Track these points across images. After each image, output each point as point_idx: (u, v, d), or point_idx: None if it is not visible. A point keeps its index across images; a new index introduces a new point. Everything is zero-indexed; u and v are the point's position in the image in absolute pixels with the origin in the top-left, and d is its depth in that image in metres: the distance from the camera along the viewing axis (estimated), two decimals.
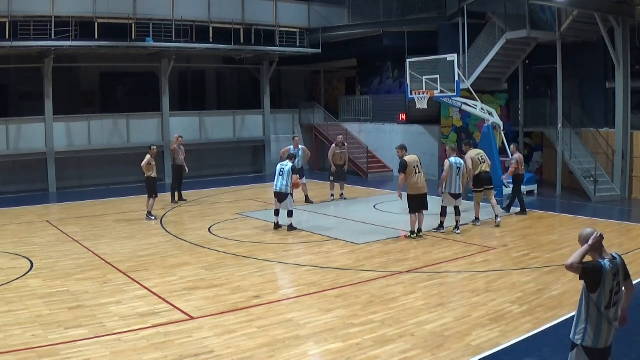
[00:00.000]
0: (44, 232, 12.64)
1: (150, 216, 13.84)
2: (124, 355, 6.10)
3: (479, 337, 6.52)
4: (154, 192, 13.94)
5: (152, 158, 13.86)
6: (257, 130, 24.03)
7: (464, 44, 18.31)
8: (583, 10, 15.92)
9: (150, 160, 13.80)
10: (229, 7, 21.41)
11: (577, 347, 4.43)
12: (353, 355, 6.08)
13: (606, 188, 16.31)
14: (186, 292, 8.29)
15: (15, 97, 21.23)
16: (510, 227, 12.86)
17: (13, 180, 19.10)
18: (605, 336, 4.35)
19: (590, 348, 4.37)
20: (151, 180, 13.87)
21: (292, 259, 10.13)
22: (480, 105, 16.82)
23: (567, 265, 4.24)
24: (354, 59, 25.79)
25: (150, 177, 13.85)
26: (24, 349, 6.19)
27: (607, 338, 4.37)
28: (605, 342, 4.37)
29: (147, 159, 13.77)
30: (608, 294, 4.27)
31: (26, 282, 8.79)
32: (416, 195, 11.31)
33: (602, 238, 4.32)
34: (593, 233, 4.32)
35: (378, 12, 23.77)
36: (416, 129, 21.60)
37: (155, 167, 14.05)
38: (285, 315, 7.29)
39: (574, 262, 4.22)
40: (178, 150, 16.13)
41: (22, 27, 17.53)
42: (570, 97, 18.35)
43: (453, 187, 11.95)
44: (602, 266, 4.25)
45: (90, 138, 20.03)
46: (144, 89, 23.13)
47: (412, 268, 9.45)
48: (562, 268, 9.29)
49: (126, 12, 19.03)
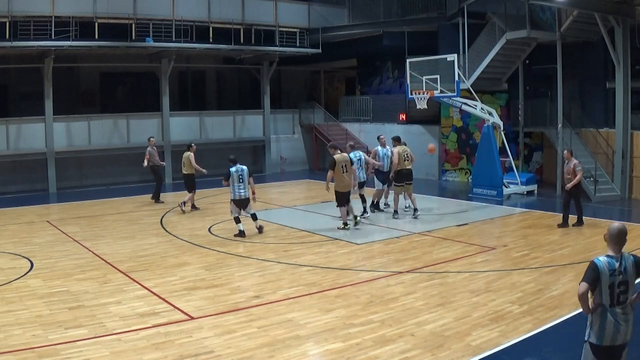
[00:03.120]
0: (44, 232, 12.64)
1: (182, 206, 14.77)
2: (124, 355, 6.10)
3: (479, 337, 6.52)
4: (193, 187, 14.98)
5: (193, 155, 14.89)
6: (257, 130, 24.04)
7: (464, 44, 18.31)
8: (583, 10, 15.92)
9: (191, 157, 14.82)
10: (229, 7, 21.42)
11: (585, 343, 4.49)
12: (353, 355, 6.07)
13: (606, 188, 16.32)
14: (186, 292, 8.29)
15: (15, 97, 21.23)
16: (510, 227, 12.87)
17: (13, 180, 19.11)
18: (610, 334, 4.34)
19: (594, 345, 4.40)
20: (189, 176, 14.90)
21: (292, 259, 10.13)
22: (480, 105, 16.83)
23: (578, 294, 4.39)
24: (354, 59, 25.78)
25: (190, 173, 14.89)
26: (24, 349, 6.19)
27: (612, 337, 4.34)
28: (611, 341, 4.35)
29: (192, 156, 14.84)
30: (607, 290, 4.29)
31: (26, 282, 8.79)
32: (342, 192, 12.16)
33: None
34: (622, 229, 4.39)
35: (378, 12, 23.78)
36: (416, 129, 21.59)
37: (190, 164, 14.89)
38: (285, 315, 7.29)
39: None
40: (153, 152, 16.16)
41: (22, 27, 17.53)
42: (570, 97, 18.35)
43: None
44: (597, 264, 4.32)
45: (90, 138, 20.04)
46: (144, 89, 23.15)
47: (412, 268, 9.45)
48: (562, 268, 9.32)
49: (126, 12, 19.03)
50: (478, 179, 17.09)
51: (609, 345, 4.37)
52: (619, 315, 4.33)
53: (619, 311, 4.33)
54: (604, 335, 4.35)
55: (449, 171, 20.83)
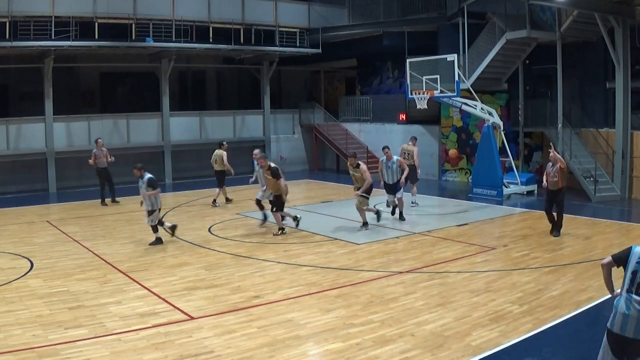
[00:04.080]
0: (44, 232, 12.64)
1: (215, 203, 15.57)
2: (124, 355, 6.10)
3: (479, 337, 6.52)
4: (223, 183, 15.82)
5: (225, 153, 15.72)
6: (257, 130, 24.04)
7: (464, 44, 18.31)
8: (583, 10, 15.91)
9: (223, 155, 15.66)
10: (229, 7, 21.42)
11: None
12: (353, 355, 6.08)
13: (606, 188, 16.31)
14: (186, 292, 8.29)
15: (15, 97, 21.22)
16: (510, 227, 12.86)
17: (13, 180, 19.09)
18: (620, 322, 4.36)
19: (607, 328, 4.48)
20: (220, 172, 15.76)
21: (292, 259, 10.13)
22: (480, 105, 16.83)
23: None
24: (354, 59, 25.79)
25: (221, 170, 15.73)
26: (24, 349, 6.19)
27: (622, 326, 4.35)
28: (620, 329, 4.36)
29: (224, 154, 15.65)
30: (630, 275, 4.37)
31: (26, 282, 8.79)
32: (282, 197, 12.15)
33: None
34: None
35: (378, 12, 23.78)
36: (416, 129, 21.55)
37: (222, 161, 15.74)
38: (285, 315, 7.29)
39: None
40: (99, 154, 16.13)
41: (22, 27, 17.52)
42: (570, 97, 18.35)
43: None
44: (632, 248, 4.49)
45: (90, 138, 20.00)
46: (144, 89, 23.13)
47: (412, 268, 9.45)
48: (562, 268, 9.32)
49: (126, 12, 19.03)
50: (478, 179, 17.09)
51: (618, 334, 4.37)
52: (632, 303, 4.32)
53: (635, 297, 4.32)
54: (615, 321, 4.42)
55: (449, 171, 20.83)
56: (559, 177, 11.30)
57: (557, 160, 11.33)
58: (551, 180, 11.41)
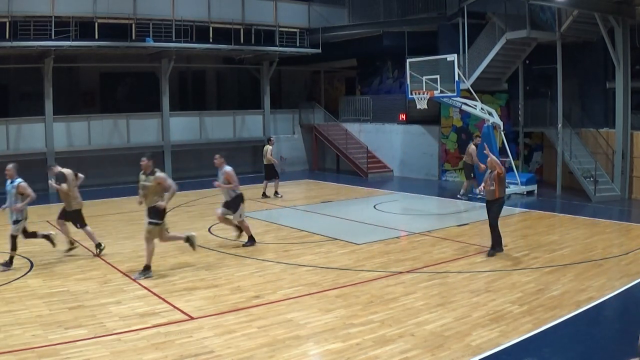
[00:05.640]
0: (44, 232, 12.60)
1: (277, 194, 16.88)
2: (124, 355, 6.10)
3: (479, 337, 6.52)
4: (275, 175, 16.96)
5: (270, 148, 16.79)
6: (257, 130, 24.03)
7: (464, 44, 18.31)
8: (583, 10, 15.91)
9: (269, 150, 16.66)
10: (229, 7, 21.42)
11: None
12: (353, 355, 6.07)
13: (606, 188, 16.31)
14: (186, 292, 8.29)
15: (15, 97, 21.22)
16: (511, 227, 12.86)
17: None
18: None
19: None
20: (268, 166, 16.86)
21: (292, 259, 10.13)
22: (480, 105, 16.83)
23: None
24: (354, 59, 25.80)
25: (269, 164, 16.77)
26: (24, 349, 6.19)
27: None
28: None
29: (270, 149, 16.68)
30: None
31: (26, 282, 8.79)
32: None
33: None
34: None
35: (378, 12, 23.78)
36: (416, 129, 21.60)
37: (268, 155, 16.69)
38: (285, 315, 7.29)
39: None
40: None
41: (22, 27, 17.52)
42: (570, 97, 18.34)
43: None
44: None
45: (90, 138, 20.04)
46: (144, 89, 23.12)
47: (412, 268, 9.45)
48: (562, 268, 9.32)
49: (126, 12, 19.03)
50: (478, 179, 17.06)
51: None
52: None
53: None
54: None
55: (449, 171, 20.82)
56: (496, 185, 9.88)
57: (494, 166, 9.93)
58: (487, 189, 10.03)
